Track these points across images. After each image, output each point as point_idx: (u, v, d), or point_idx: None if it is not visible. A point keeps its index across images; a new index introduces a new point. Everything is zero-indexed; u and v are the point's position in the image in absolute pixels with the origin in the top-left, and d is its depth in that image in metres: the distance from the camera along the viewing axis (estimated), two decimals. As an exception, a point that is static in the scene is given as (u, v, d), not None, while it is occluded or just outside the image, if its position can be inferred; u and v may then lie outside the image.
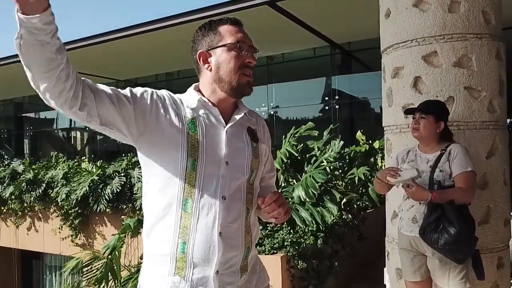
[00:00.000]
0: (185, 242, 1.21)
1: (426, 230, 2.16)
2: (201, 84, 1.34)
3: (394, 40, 2.83)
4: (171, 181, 1.22)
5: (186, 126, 1.24)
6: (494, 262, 2.60)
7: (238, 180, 1.28)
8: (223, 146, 1.27)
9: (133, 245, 7.04)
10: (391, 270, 2.89)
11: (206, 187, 1.23)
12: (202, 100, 1.28)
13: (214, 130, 1.27)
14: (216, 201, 1.23)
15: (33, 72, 1.04)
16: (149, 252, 1.29)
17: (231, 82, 1.27)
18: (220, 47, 1.27)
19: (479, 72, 2.61)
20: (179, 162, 1.21)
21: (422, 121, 2.29)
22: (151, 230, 1.28)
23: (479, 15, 2.62)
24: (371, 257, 4.66)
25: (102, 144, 15.69)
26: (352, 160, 5.55)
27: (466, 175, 2.19)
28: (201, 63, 1.30)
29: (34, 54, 1.01)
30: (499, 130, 2.68)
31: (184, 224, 1.22)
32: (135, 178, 7.79)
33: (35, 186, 9.00)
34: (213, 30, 1.29)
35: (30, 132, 17.31)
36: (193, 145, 1.22)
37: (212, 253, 1.22)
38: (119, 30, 8.83)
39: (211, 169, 1.24)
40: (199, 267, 1.22)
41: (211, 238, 1.22)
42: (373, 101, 10.03)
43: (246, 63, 1.28)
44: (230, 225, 1.25)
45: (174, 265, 1.22)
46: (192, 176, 1.22)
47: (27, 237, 9.44)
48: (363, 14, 6.75)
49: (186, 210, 1.22)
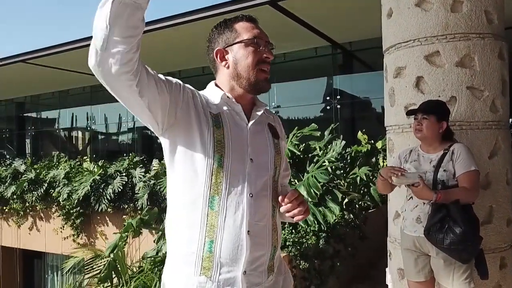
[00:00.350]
0: (213, 240, 1.18)
1: (431, 230, 2.15)
2: (219, 82, 1.32)
3: (396, 39, 2.82)
4: (197, 177, 1.19)
5: (212, 122, 1.22)
6: (496, 262, 2.59)
7: (263, 178, 1.26)
8: (247, 143, 1.25)
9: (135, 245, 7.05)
10: (393, 270, 2.89)
11: (233, 184, 1.20)
12: (225, 97, 1.27)
13: (238, 127, 1.26)
14: (243, 198, 1.20)
15: (113, 33, 1.01)
16: (173, 250, 1.26)
17: (249, 78, 1.26)
18: (237, 44, 1.26)
19: (481, 72, 2.60)
20: (205, 158, 1.18)
21: (424, 121, 2.28)
22: (175, 227, 1.25)
23: (482, 14, 2.61)
24: (373, 257, 4.65)
25: (103, 144, 15.71)
26: (354, 160, 5.54)
27: (469, 174, 2.19)
28: (218, 61, 1.29)
29: (125, 15, 1.00)
30: (502, 130, 2.67)
31: (211, 222, 1.19)
32: (136, 178, 7.81)
33: (37, 185, 9.02)
34: (229, 27, 1.28)
35: (32, 132, 17.33)
36: (219, 141, 1.20)
37: (240, 252, 1.19)
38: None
39: (237, 166, 1.21)
40: (226, 267, 1.19)
41: (239, 236, 1.19)
42: (375, 101, 10.01)
43: (263, 58, 1.26)
44: (258, 223, 1.23)
45: (200, 264, 1.19)
46: (219, 172, 1.19)
47: (29, 237, 9.46)
48: (364, 14, 6.75)
49: (212, 207, 1.19)
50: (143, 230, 5.21)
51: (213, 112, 1.24)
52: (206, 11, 7.52)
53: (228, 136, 1.22)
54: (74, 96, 15.42)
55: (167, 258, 1.30)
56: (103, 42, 1.01)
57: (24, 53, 10.36)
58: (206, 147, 1.19)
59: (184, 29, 8.02)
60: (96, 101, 14.89)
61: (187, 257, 1.20)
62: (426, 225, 2.19)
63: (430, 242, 2.18)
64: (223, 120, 1.24)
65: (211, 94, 1.29)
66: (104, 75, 1.06)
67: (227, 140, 1.21)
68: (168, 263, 1.29)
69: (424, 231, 2.19)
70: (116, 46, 1.02)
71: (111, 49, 1.02)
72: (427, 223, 2.19)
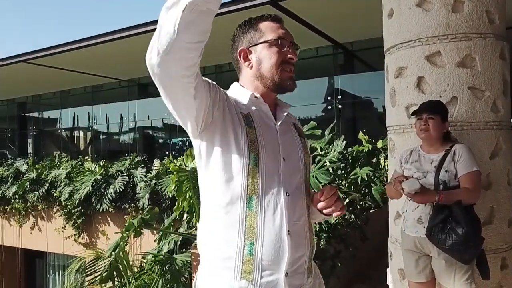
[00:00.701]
0: (253, 242, 1.14)
1: (433, 231, 2.14)
2: (243, 82, 1.31)
3: (397, 40, 2.82)
4: (234, 178, 1.16)
5: (244, 121, 1.20)
6: (497, 263, 2.59)
7: (296, 176, 1.25)
8: (278, 142, 1.24)
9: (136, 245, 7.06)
10: (394, 271, 2.89)
11: (269, 184, 1.18)
12: (253, 97, 1.25)
13: (267, 127, 1.25)
14: (280, 198, 1.18)
15: (181, 39, 0.97)
16: (209, 254, 1.21)
17: (273, 78, 1.24)
18: (261, 44, 1.24)
19: (482, 72, 2.59)
20: (241, 158, 1.16)
21: (430, 121, 2.27)
22: (210, 230, 1.21)
23: (483, 14, 2.61)
24: (374, 257, 4.65)
25: (105, 144, 15.74)
26: (355, 160, 5.54)
27: (471, 175, 2.19)
28: (242, 61, 1.27)
29: (197, 22, 0.98)
30: (503, 130, 2.67)
31: (250, 223, 1.15)
32: (137, 177, 7.82)
33: (39, 185, 9.05)
34: (253, 27, 1.27)
35: (34, 131, 17.37)
36: (253, 141, 1.18)
37: (282, 254, 1.16)
38: (122, 30, 8.86)
39: (271, 165, 1.20)
40: (268, 269, 1.15)
41: (280, 237, 1.16)
42: (376, 100, 10.01)
43: (287, 59, 1.25)
44: (296, 222, 1.20)
45: (240, 268, 1.15)
46: (255, 172, 1.17)
47: (31, 236, 9.49)
48: (365, 14, 6.74)
49: (251, 208, 1.16)
50: (144, 229, 5.22)
51: (243, 112, 1.22)
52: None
53: (260, 135, 1.20)
54: (76, 96, 15.46)
55: (202, 263, 1.25)
56: (168, 46, 0.98)
57: (26, 53, 10.39)
58: (241, 147, 1.17)
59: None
60: (98, 101, 14.93)
61: (226, 261, 1.16)
62: (427, 226, 2.19)
63: (432, 242, 2.18)
64: (254, 119, 1.23)
65: (238, 94, 1.27)
66: (162, 76, 1.04)
67: (260, 139, 1.20)
68: (203, 268, 1.24)
69: (426, 232, 2.18)
70: (182, 51, 1.00)
71: (177, 54, 1.00)
72: (428, 223, 2.19)
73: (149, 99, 14.34)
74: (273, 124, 1.27)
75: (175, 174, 3.73)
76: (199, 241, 1.26)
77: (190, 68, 1.03)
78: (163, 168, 7.68)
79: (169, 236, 4.65)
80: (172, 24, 0.96)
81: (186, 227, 4.69)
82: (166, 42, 0.98)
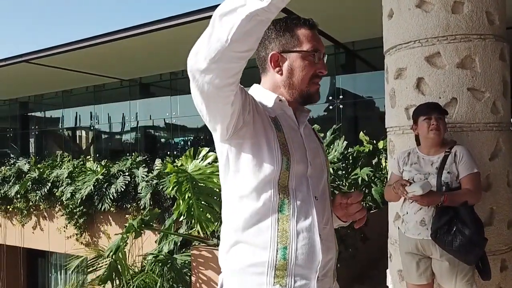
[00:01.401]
0: (286, 247, 1.13)
1: (439, 233, 2.14)
2: (266, 85, 1.27)
3: (397, 41, 2.81)
4: (267, 182, 1.14)
5: (273, 124, 1.19)
6: (497, 265, 2.58)
7: (322, 180, 1.25)
8: (304, 146, 1.24)
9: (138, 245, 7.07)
10: (394, 272, 2.88)
11: (299, 187, 1.17)
12: (278, 100, 1.23)
13: (293, 130, 1.24)
14: (311, 201, 1.18)
15: (232, 48, 0.94)
16: (237, 263, 1.18)
17: (302, 90, 1.23)
18: (296, 53, 1.21)
19: (482, 73, 2.59)
20: (274, 161, 1.14)
21: (440, 121, 2.27)
22: (239, 238, 1.17)
23: (483, 15, 2.60)
24: (373, 257, 4.65)
25: (107, 143, 15.77)
26: (356, 160, 5.53)
27: (473, 176, 2.20)
28: (272, 65, 1.24)
29: (255, 31, 0.95)
30: (503, 132, 2.66)
31: (282, 227, 1.14)
32: (139, 177, 7.82)
33: (40, 185, 9.06)
34: (290, 31, 1.22)
35: (36, 131, 17.42)
36: (283, 144, 1.17)
37: (314, 258, 1.15)
38: (124, 30, 8.87)
39: (300, 169, 1.19)
40: (301, 273, 1.14)
41: (314, 240, 1.15)
42: (378, 100, 9.99)
43: (317, 73, 1.24)
44: (325, 226, 1.20)
45: (273, 273, 1.12)
46: (286, 176, 1.15)
47: (33, 236, 9.51)
48: (367, 13, 6.72)
49: (283, 212, 1.14)
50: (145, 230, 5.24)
51: (271, 115, 1.20)
52: (207, 11, 7.54)
53: (289, 139, 1.19)
54: (78, 96, 15.49)
55: (231, 268, 1.21)
56: (217, 54, 0.95)
57: (27, 53, 10.42)
58: (274, 151, 1.15)
59: (187, 28, 8.04)
60: (100, 100, 14.96)
61: (258, 267, 1.14)
62: (432, 228, 2.18)
63: (438, 245, 2.17)
64: (281, 123, 1.21)
65: (262, 97, 1.24)
66: (204, 83, 1.00)
67: (289, 142, 1.19)
68: (232, 274, 1.20)
69: (432, 234, 2.17)
70: (232, 59, 0.97)
71: (226, 63, 0.97)
72: (433, 225, 2.18)
73: (150, 99, 14.36)
74: (297, 127, 1.26)
75: (174, 175, 3.72)
76: (225, 249, 1.22)
77: (234, 76, 1.01)
78: (164, 168, 7.70)
79: (169, 237, 4.66)
80: (226, 32, 0.92)
81: (186, 227, 4.69)
82: (215, 49, 0.94)
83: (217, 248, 1.44)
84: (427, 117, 2.29)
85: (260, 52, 1.26)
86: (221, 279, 1.27)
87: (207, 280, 3.84)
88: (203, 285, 3.87)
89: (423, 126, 2.31)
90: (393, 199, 2.46)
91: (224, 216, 1.26)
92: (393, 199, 2.49)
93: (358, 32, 8.67)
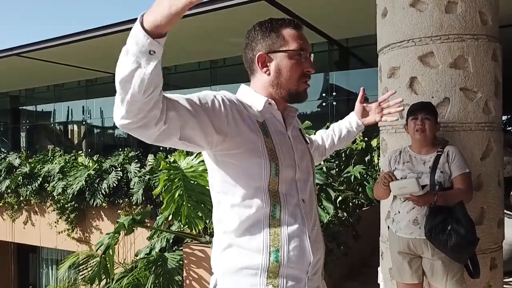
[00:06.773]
0: (278, 249, 1.17)
1: (433, 232, 2.15)
2: (255, 87, 1.28)
3: (390, 40, 2.81)
4: (257, 189, 1.17)
5: (260, 130, 1.19)
6: (487, 263, 2.61)
7: (308, 182, 1.28)
8: (293, 149, 1.26)
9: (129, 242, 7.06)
10: (385, 270, 2.90)
11: (289, 192, 1.21)
12: (267, 104, 1.23)
13: (281, 134, 1.25)
14: (299, 205, 1.22)
15: (152, 95, 0.92)
16: (231, 266, 1.20)
17: (290, 89, 1.24)
18: (282, 52, 1.22)
19: (475, 73, 2.60)
20: (263, 168, 1.16)
21: (426, 122, 2.27)
22: (232, 241, 1.20)
23: (476, 15, 2.61)
24: (366, 255, 4.68)
25: (99, 138, 15.66)
26: (349, 158, 5.55)
27: (465, 176, 2.23)
28: (259, 66, 1.25)
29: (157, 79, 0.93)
30: (494, 132, 2.68)
31: (274, 231, 1.17)
32: (131, 173, 7.80)
33: (32, 180, 9.00)
34: (276, 32, 1.24)
35: (27, 125, 17.24)
36: (271, 150, 1.18)
37: (305, 258, 1.20)
38: (116, 24, 8.78)
39: (289, 173, 1.21)
40: (292, 274, 1.18)
41: (304, 242, 1.20)
42: (371, 97, 9.90)
43: (305, 72, 1.25)
44: (313, 228, 1.25)
45: (266, 275, 1.16)
46: (275, 181, 1.18)
47: (24, 231, 9.46)
48: (361, 10, 6.72)
49: (274, 216, 1.18)
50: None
51: (259, 120, 1.21)
52: (201, 6, 7.46)
53: (277, 144, 1.21)
54: (70, 90, 15.33)
55: (224, 269, 1.23)
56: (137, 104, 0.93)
57: (18, 47, 10.27)
58: (262, 157, 1.16)
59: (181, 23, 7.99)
60: (92, 95, 14.82)
61: (251, 269, 1.17)
62: (426, 227, 2.18)
63: (432, 244, 2.18)
64: (269, 127, 1.23)
65: (251, 99, 1.24)
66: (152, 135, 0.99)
67: (277, 147, 1.20)
68: (226, 275, 1.22)
69: (426, 233, 2.18)
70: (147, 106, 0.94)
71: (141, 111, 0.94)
72: (427, 224, 2.19)
73: (143, 94, 14.24)
74: (285, 130, 1.28)
75: (164, 173, 3.68)
76: (218, 251, 1.24)
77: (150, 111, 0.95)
78: (157, 164, 7.67)
79: (161, 234, 4.64)
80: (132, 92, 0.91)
81: (178, 224, 4.68)
82: (137, 108, 0.93)
83: (210, 246, 1.45)
84: (414, 117, 2.31)
85: (247, 54, 1.28)
86: (214, 279, 1.28)
87: (198, 278, 3.83)
88: (193, 282, 3.87)
89: (410, 126, 2.33)
90: (382, 196, 2.47)
91: (215, 219, 1.27)
92: (382, 196, 2.51)
93: (352, 29, 8.67)
